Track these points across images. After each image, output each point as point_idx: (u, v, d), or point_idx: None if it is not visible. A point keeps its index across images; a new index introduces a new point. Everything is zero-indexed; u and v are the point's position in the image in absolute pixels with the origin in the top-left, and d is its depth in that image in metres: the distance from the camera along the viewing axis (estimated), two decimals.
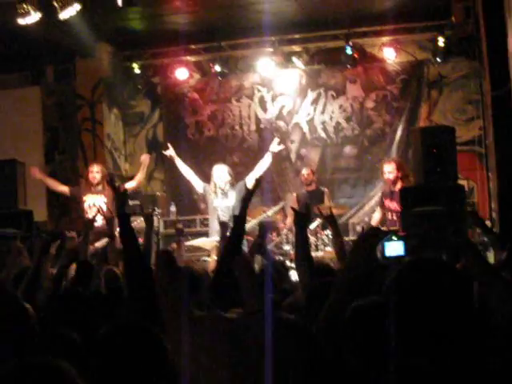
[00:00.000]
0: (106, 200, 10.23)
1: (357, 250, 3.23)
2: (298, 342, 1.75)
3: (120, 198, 4.34)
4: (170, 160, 10.87)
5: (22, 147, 12.72)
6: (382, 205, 10.51)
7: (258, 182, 5.50)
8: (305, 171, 11.58)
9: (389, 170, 10.34)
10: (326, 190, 11.40)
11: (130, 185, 10.73)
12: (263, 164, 10.45)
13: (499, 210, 9.89)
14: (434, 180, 8.72)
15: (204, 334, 1.29)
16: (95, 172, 10.52)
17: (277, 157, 10.42)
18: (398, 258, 4.07)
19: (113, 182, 4.88)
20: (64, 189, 10.89)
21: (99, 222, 9.09)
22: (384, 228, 9.22)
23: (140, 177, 11.06)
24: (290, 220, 10.28)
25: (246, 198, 4.52)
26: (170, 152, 10.66)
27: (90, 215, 9.61)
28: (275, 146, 10.50)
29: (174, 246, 7.60)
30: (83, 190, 10.66)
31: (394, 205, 10.05)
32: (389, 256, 4.08)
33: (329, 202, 11.09)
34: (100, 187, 10.45)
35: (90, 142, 13.68)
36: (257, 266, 8.00)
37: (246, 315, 1.74)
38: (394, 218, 9.99)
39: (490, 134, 10.69)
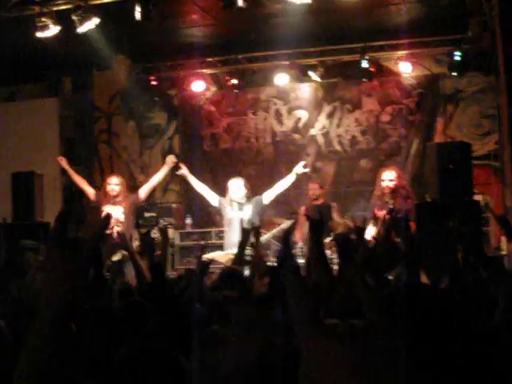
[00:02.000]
0: (123, 210, 10.05)
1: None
2: None
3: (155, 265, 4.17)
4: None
5: (39, 158, 12.78)
6: (374, 218, 9.69)
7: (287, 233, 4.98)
8: (311, 186, 11.47)
9: (390, 177, 9.78)
10: (334, 204, 11.29)
11: (142, 192, 10.39)
12: (284, 183, 10.16)
13: None
14: (449, 196, 8.70)
15: (336, 341, 1.31)
16: (113, 184, 10.14)
17: (291, 169, 10.32)
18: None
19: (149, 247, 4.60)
20: (89, 190, 10.39)
21: (115, 234, 9.09)
22: None
23: (159, 177, 10.57)
24: (298, 234, 10.10)
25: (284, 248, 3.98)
26: (183, 171, 10.45)
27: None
28: (300, 168, 10.29)
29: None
30: (103, 199, 10.17)
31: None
32: None
33: (337, 217, 10.97)
34: (119, 198, 10.08)
35: (106, 153, 13.77)
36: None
37: (371, 324, 1.76)
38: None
39: (506, 148, 10.66)
